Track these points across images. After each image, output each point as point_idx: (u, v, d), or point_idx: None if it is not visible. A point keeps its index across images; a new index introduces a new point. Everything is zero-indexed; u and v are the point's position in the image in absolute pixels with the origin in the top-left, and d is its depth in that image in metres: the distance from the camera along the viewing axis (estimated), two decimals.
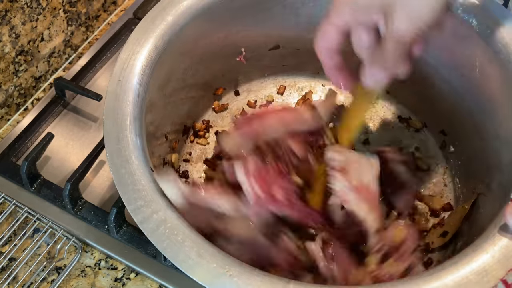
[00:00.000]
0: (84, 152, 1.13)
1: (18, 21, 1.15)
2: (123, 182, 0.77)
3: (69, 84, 1.21)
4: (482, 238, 0.76)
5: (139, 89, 0.88)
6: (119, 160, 0.79)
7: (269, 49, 1.19)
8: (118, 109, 0.85)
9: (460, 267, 0.72)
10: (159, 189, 0.78)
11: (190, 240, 0.73)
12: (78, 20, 1.33)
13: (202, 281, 0.70)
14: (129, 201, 0.76)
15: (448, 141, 1.12)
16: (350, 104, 0.94)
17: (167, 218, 0.75)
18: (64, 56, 1.34)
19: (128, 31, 1.34)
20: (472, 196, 1.00)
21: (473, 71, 0.99)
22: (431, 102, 1.13)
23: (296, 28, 1.14)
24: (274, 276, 0.72)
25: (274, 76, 1.25)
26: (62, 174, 1.13)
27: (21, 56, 1.20)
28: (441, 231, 1.01)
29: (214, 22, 1.05)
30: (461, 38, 0.99)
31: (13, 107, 1.23)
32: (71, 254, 1.04)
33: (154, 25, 0.94)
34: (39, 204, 1.08)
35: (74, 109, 1.24)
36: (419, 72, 1.11)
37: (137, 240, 1.02)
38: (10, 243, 1.04)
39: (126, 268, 1.02)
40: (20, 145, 1.16)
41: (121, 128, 0.82)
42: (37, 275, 1.01)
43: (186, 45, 1.02)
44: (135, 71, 0.89)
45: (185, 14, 0.97)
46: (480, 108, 1.00)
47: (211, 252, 0.73)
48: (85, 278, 1.01)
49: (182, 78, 1.07)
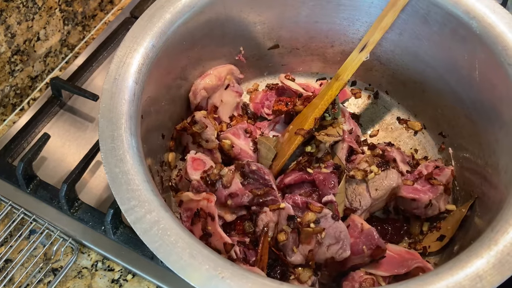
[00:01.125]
0: (81, 152, 1.13)
1: (13, 20, 1.15)
2: (117, 182, 0.77)
3: (66, 84, 1.20)
4: (478, 242, 0.75)
5: (135, 87, 0.87)
6: (113, 159, 0.79)
7: (268, 48, 1.18)
8: (114, 107, 0.84)
9: (454, 273, 0.71)
10: (153, 189, 0.78)
11: (183, 241, 0.73)
12: (74, 20, 1.33)
13: (194, 282, 0.70)
14: (123, 201, 0.75)
15: (447, 143, 1.11)
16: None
17: (160, 219, 0.74)
18: (60, 56, 1.33)
19: (125, 30, 1.33)
20: (470, 199, 1.00)
21: (472, 72, 0.98)
22: (430, 104, 1.13)
23: (296, 27, 1.14)
24: (266, 278, 0.72)
25: (273, 75, 1.24)
26: (59, 175, 1.12)
27: (17, 56, 1.19)
28: (438, 235, 1.00)
29: (212, 20, 1.04)
30: (461, 39, 0.99)
31: (9, 107, 1.23)
32: (68, 256, 1.03)
33: (151, 23, 0.94)
34: (35, 205, 1.07)
35: (70, 109, 1.23)
36: (418, 74, 1.11)
37: (134, 242, 1.01)
38: (6, 244, 1.04)
39: (123, 270, 1.01)
40: (16, 146, 1.15)
41: (116, 126, 0.82)
42: (33, 277, 1.00)
43: (183, 44, 1.01)
44: (132, 69, 0.88)
45: (183, 12, 0.97)
46: (479, 110, 1.00)
47: (204, 254, 0.72)
48: (81, 279, 1.00)
49: (179, 76, 1.06)
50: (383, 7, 1.05)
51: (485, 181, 0.96)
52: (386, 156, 1.05)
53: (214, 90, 1.11)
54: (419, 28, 1.04)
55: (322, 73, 1.24)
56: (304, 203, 0.92)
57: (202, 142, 1.05)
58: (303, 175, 0.98)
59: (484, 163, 0.98)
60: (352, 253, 0.89)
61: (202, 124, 1.03)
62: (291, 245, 0.90)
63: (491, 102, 0.95)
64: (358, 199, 0.98)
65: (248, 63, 1.19)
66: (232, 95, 1.14)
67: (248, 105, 1.19)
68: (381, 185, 0.97)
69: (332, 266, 0.91)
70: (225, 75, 1.12)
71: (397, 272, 0.90)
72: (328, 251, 0.88)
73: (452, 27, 0.98)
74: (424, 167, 1.04)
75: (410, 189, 1.00)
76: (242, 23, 1.10)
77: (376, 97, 1.22)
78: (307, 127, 1.01)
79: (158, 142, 1.03)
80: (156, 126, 1.01)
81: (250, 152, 1.05)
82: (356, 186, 0.98)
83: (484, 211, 0.93)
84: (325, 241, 0.89)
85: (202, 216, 0.90)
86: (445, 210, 1.03)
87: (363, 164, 1.00)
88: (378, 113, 1.20)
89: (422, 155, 1.13)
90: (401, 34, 1.07)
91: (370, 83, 1.22)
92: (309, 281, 0.89)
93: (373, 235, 0.90)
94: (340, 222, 0.90)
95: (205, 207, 0.91)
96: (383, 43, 1.10)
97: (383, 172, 0.98)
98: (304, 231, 0.88)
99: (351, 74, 1.05)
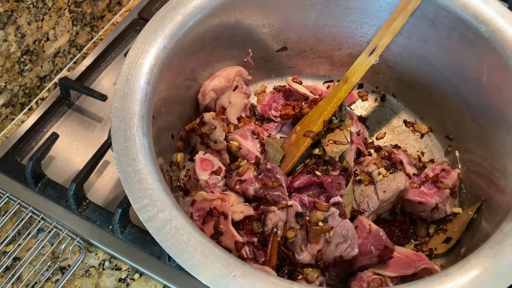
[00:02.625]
0: (89, 152, 1.13)
1: (24, 21, 1.15)
2: (129, 181, 0.77)
3: (74, 84, 1.21)
4: (487, 244, 0.76)
5: (147, 88, 0.88)
6: (126, 158, 0.79)
7: (277, 51, 1.19)
8: (126, 107, 0.85)
9: (464, 273, 0.72)
10: (165, 188, 0.78)
11: (195, 240, 0.73)
12: (83, 20, 1.33)
13: (206, 281, 0.70)
14: (135, 200, 0.76)
15: (453, 146, 1.12)
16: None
17: (172, 218, 0.75)
18: (69, 56, 1.34)
19: (132, 31, 1.34)
20: (477, 202, 1.00)
21: (480, 76, 0.99)
22: (437, 107, 1.13)
23: (304, 30, 1.15)
24: (278, 278, 0.73)
25: (281, 77, 1.25)
26: (66, 174, 1.13)
27: (26, 56, 1.20)
28: (444, 237, 1.01)
29: (222, 22, 1.05)
30: (469, 43, 0.99)
31: (17, 106, 1.23)
32: (75, 254, 1.03)
33: (163, 25, 0.94)
34: (43, 204, 1.07)
35: (78, 109, 1.23)
36: (425, 77, 1.12)
37: (141, 241, 1.01)
38: (14, 243, 1.04)
39: (130, 269, 1.02)
40: (25, 145, 1.15)
41: (128, 126, 0.82)
42: (41, 275, 1.00)
43: (194, 45, 1.02)
44: (144, 70, 0.89)
45: (194, 14, 0.98)
46: (486, 114, 1.00)
47: (216, 253, 0.73)
48: (89, 278, 1.01)
49: (189, 78, 1.07)
50: (392, 10, 1.06)
51: (492, 184, 0.96)
52: (393, 158, 1.05)
53: (222, 92, 1.12)
54: (427, 32, 1.05)
55: (329, 76, 1.25)
56: (311, 202, 0.93)
57: (211, 143, 1.05)
58: (311, 178, 0.99)
59: (491, 166, 0.98)
60: (360, 253, 0.90)
61: (211, 125, 1.04)
62: (299, 243, 0.91)
63: (499, 106, 0.96)
64: (366, 201, 0.98)
65: (256, 65, 1.19)
66: (240, 97, 1.15)
67: (255, 107, 1.20)
68: (389, 187, 0.97)
69: (340, 266, 0.92)
70: (234, 76, 1.13)
71: (405, 272, 0.90)
72: (336, 250, 0.89)
73: (461, 31, 0.99)
74: (431, 170, 1.05)
75: (416, 192, 1.01)
76: (251, 25, 1.11)
77: (383, 99, 1.22)
78: (316, 130, 1.02)
79: (168, 142, 1.03)
80: (166, 127, 1.01)
81: (257, 154, 1.06)
82: (364, 188, 0.99)
83: (492, 214, 0.93)
84: (333, 240, 0.89)
85: (215, 215, 0.91)
86: (451, 213, 1.03)
87: (372, 167, 1.00)
88: (384, 116, 1.21)
89: (428, 158, 1.14)
90: (409, 37, 1.08)
91: (377, 86, 1.23)
92: (317, 281, 0.90)
93: (381, 236, 0.91)
94: (347, 221, 0.91)
95: (218, 206, 0.91)
96: (391, 46, 1.11)
97: (391, 175, 0.98)
98: (312, 230, 0.89)
99: (359, 77, 1.05)
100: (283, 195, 0.96)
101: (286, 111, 1.10)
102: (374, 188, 0.98)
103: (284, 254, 0.93)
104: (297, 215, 0.92)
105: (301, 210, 0.93)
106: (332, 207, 0.92)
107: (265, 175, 0.98)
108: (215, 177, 1.01)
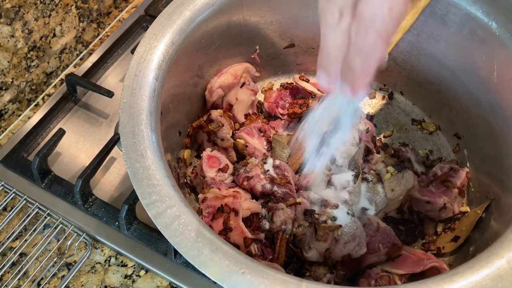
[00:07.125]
0: (95, 148, 1.13)
1: (31, 16, 1.15)
2: (138, 176, 0.77)
3: (81, 80, 1.20)
4: (498, 243, 0.75)
5: (156, 84, 0.88)
6: (134, 154, 0.79)
7: (284, 47, 1.19)
8: (134, 103, 0.84)
9: (475, 272, 0.71)
10: (173, 184, 0.78)
11: (203, 237, 0.73)
12: (89, 17, 1.33)
13: (215, 277, 0.70)
14: (144, 196, 0.75)
15: (462, 145, 1.11)
16: None
17: (181, 214, 0.74)
18: (75, 52, 1.33)
19: (139, 28, 1.34)
20: (485, 201, 0.99)
21: (490, 74, 0.98)
22: (446, 105, 1.13)
23: (312, 27, 1.14)
24: (287, 275, 0.72)
25: (288, 74, 1.24)
26: (73, 170, 1.12)
27: (33, 52, 1.20)
28: (452, 236, 1.00)
29: (230, 19, 1.05)
30: (479, 41, 0.98)
31: (24, 102, 1.23)
32: (81, 250, 1.03)
33: (171, 21, 0.94)
34: (49, 199, 1.07)
35: (85, 105, 1.23)
36: (434, 74, 1.11)
37: (147, 237, 1.01)
38: (20, 238, 1.04)
39: (136, 265, 1.02)
40: (31, 141, 1.15)
41: (136, 122, 0.82)
42: (47, 271, 1.00)
43: (202, 41, 1.02)
44: (152, 66, 0.89)
45: (202, 10, 0.97)
46: (496, 112, 0.99)
47: (224, 249, 0.72)
48: (95, 274, 1.01)
49: (196, 74, 1.06)
50: None
51: (502, 184, 0.95)
52: (400, 156, 1.05)
53: (229, 88, 1.11)
54: (437, 29, 1.04)
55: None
56: (318, 200, 0.93)
57: (217, 140, 1.05)
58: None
59: (500, 165, 0.97)
60: (368, 251, 0.89)
61: (218, 122, 1.04)
62: (308, 240, 0.90)
63: (509, 104, 0.95)
64: (374, 199, 0.98)
65: (263, 62, 1.19)
66: (247, 93, 1.14)
67: (262, 104, 1.19)
68: (397, 186, 0.97)
69: (348, 264, 0.91)
70: (241, 73, 1.12)
71: (413, 270, 0.89)
72: (344, 248, 0.89)
73: (471, 28, 0.98)
74: (439, 169, 1.04)
75: (424, 191, 1.00)
76: (259, 22, 1.11)
77: (390, 97, 1.21)
78: None
79: (175, 139, 1.03)
80: (173, 123, 1.01)
81: (264, 151, 1.06)
82: (372, 186, 0.98)
83: (501, 213, 0.92)
84: (342, 238, 0.89)
85: (226, 211, 0.90)
86: (459, 212, 1.03)
87: (380, 165, 1.00)
88: (392, 114, 1.20)
89: (436, 156, 1.13)
90: (418, 35, 1.07)
91: (385, 84, 1.22)
92: (324, 278, 0.89)
93: (389, 233, 0.91)
94: (355, 219, 0.90)
95: (230, 203, 0.91)
96: (400, 43, 1.10)
97: (399, 173, 0.98)
98: (321, 227, 0.89)
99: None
100: (291, 192, 0.95)
101: (294, 110, 1.09)
102: (382, 187, 0.98)
103: (292, 252, 0.92)
104: (305, 213, 0.92)
105: (310, 207, 0.92)
106: (340, 205, 0.91)
107: (273, 172, 0.98)
108: (222, 174, 1.00)
